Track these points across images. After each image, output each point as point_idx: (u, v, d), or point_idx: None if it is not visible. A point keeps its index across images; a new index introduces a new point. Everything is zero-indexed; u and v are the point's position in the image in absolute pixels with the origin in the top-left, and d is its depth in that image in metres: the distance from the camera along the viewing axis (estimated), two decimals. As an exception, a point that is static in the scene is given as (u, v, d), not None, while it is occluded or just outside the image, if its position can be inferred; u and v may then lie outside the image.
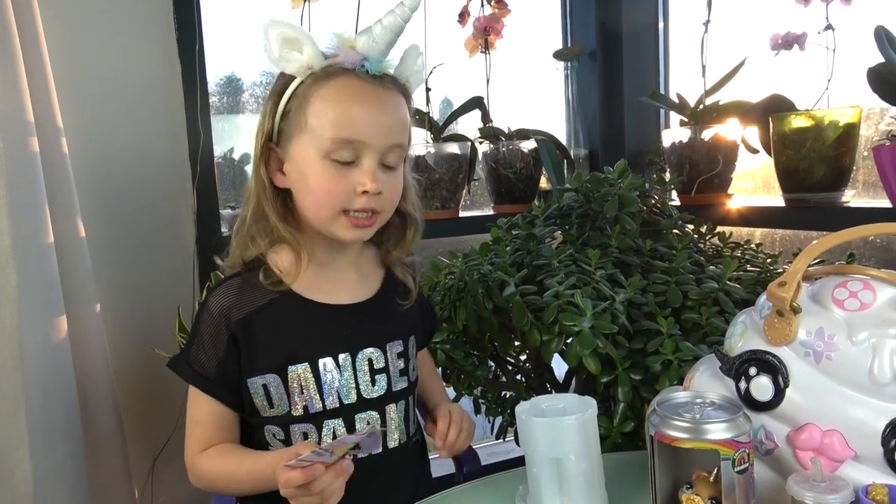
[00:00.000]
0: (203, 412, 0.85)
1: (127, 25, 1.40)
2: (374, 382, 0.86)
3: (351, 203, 0.80)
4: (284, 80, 0.81)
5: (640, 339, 1.02)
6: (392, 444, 0.87)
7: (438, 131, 1.64)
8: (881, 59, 1.19)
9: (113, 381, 1.31)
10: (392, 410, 0.87)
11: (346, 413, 0.84)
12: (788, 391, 0.69)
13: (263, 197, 0.83)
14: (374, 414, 0.86)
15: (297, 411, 0.83)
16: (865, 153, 1.39)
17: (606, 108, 1.84)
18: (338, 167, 0.79)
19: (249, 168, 1.70)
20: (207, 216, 1.44)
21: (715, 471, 0.65)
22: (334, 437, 0.84)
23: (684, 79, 1.76)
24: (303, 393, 0.83)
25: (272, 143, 0.83)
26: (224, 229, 1.49)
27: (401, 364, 0.89)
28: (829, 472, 0.64)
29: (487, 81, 1.67)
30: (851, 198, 1.34)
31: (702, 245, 1.27)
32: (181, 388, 1.39)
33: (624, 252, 1.15)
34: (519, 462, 0.81)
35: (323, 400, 0.83)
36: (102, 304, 1.31)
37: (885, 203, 1.23)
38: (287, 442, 0.85)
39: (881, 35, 1.19)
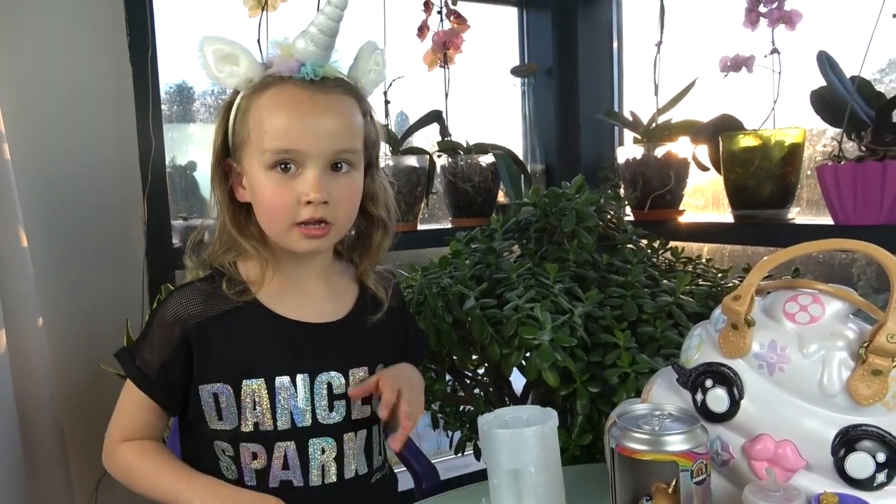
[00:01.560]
0: (136, 406, 0.84)
1: (77, 29, 1.36)
2: (331, 408, 0.83)
3: (298, 214, 0.78)
4: (232, 94, 0.81)
5: (597, 352, 1.03)
6: (349, 474, 0.84)
7: (397, 144, 1.63)
8: (823, 83, 1.24)
9: (55, 398, 1.25)
10: (350, 439, 0.84)
11: (300, 437, 0.82)
12: (743, 402, 0.70)
13: (224, 213, 0.83)
14: (331, 440, 0.83)
15: (247, 427, 0.81)
16: (809, 172, 1.45)
17: (562, 124, 1.87)
18: (281, 178, 0.77)
19: (203, 177, 1.67)
20: (158, 227, 1.40)
21: (674, 482, 0.66)
22: (285, 462, 0.81)
23: (638, 97, 1.81)
24: (255, 409, 0.80)
25: (230, 158, 0.82)
26: (175, 240, 1.45)
27: None
28: (783, 482, 0.66)
29: (446, 95, 1.68)
30: (796, 215, 1.40)
31: (655, 260, 1.30)
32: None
33: (581, 266, 1.17)
34: (478, 476, 0.81)
35: (275, 419, 0.81)
36: (45, 318, 1.26)
37: (828, 220, 1.28)
38: (237, 459, 0.82)
39: (823, 60, 1.25)
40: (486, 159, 1.68)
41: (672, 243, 1.37)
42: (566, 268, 1.15)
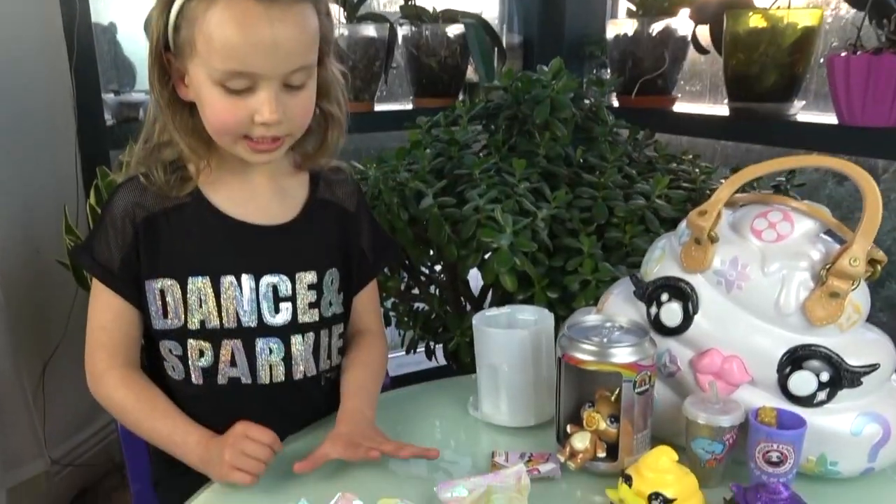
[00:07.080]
0: (109, 315, 0.88)
1: None
2: (277, 310, 0.90)
3: (250, 130, 0.82)
4: None
5: (560, 256, 1.10)
6: (297, 375, 0.92)
7: (353, 9, 1.60)
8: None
9: (-2, 285, 1.30)
10: (298, 342, 0.92)
11: (246, 336, 0.89)
12: (697, 317, 0.78)
13: (163, 110, 0.85)
14: (277, 341, 0.90)
15: (194, 325, 0.88)
16: (822, 61, 1.46)
17: (547, -12, 1.83)
18: (232, 95, 0.80)
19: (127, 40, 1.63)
20: (88, 103, 1.38)
21: (616, 391, 0.74)
22: (232, 359, 0.89)
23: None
24: (201, 307, 0.88)
25: (169, 52, 0.83)
26: (108, 117, 1.44)
27: (311, 296, 0.92)
28: (725, 395, 0.75)
29: (413, -49, 1.63)
30: (801, 110, 1.43)
31: (635, 155, 1.33)
32: (69, 293, 1.41)
33: (552, 161, 1.21)
34: (432, 374, 1.00)
35: (220, 317, 0.88)
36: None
37: (833, 118, 1.32)
38: (184, 358, 0.90)
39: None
40: (455, 29, 1.66)
41: (658, 136, 1.40)
42: (535, 163, 1.18)
